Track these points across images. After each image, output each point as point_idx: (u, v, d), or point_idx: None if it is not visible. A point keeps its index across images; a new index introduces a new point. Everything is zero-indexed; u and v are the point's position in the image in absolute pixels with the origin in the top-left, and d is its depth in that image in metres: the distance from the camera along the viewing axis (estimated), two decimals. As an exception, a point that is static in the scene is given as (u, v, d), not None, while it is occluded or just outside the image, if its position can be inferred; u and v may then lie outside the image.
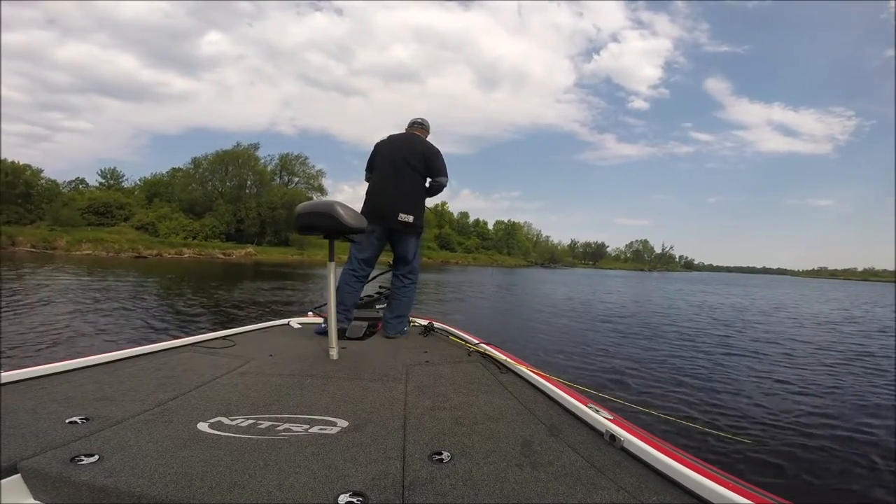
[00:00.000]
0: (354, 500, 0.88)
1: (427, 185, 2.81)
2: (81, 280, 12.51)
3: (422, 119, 2.98)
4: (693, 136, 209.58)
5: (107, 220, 37.76)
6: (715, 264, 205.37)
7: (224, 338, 2.51)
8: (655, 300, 15.93)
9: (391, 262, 2.90)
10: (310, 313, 3.38)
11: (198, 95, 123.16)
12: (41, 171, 38.51)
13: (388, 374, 1.88)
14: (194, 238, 38.15)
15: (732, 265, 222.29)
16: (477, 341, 2.49)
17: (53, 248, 29.18)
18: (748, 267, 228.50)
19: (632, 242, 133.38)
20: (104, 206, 38.79)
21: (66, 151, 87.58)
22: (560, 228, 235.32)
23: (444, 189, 2.88)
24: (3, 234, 28.29)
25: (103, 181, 47.73)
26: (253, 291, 11.78)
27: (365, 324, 2.81)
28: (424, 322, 3.00)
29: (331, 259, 2.25)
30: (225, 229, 40.81)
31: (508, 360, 2.06)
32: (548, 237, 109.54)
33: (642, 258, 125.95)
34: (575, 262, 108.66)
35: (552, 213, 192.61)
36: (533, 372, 1.82)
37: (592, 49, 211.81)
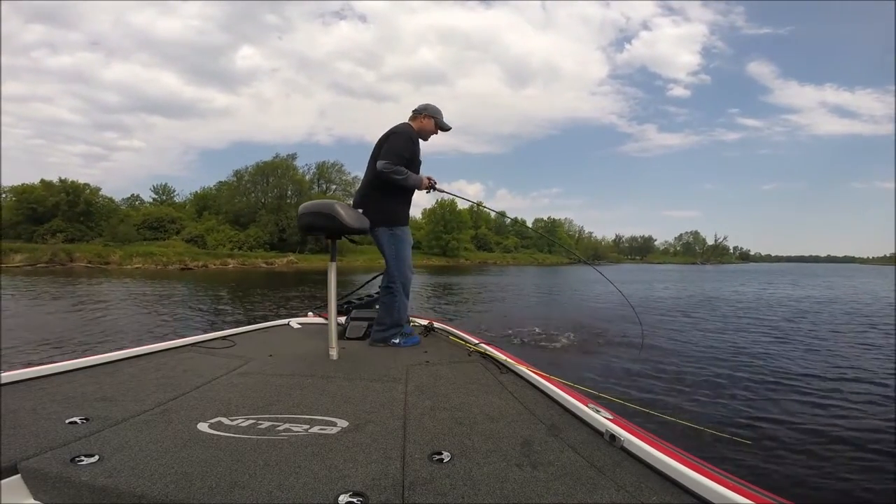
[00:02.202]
0: (354, 500, 0.88)
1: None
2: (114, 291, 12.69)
3: (420, 105, 2.71)
4: (741, 122, 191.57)
5: (160, 235, 39.51)
6: (773, 254, 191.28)
7: (224, 338, 2.50)
8: (731, 297, 14.14)
9: None
10: (310, 313, 3.36)
11: (239, 109, 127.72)
12: (99, 189, 40.81)
13: (388, 374, 1.87)
14: (240, 248, 39.20)
15: (793, 255, 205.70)
16: (477, 341, 2.46)
17: (107, 262, 30.51)
18: (811, 256, 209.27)
19: (681, 235, 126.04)
20: (157, 220, 40.65)
21: (124, 169, 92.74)
22: (603, 224, 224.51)
23: (389, 169, 2.47)
24: (61, 251, 30.01)
25: (156, 197, 50.40)
26: (279, 299, 11.43)
27: (365, 324, 2.78)
28: (424, 322, 2.94)
29: (332, 259, 2.21)
30: (268, 239, 41.81)
31: (508, 360, 2.04)
32: (590, 233, 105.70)
33: (693, 251, 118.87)
34: (620, 258, 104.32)
35: (594, 209, 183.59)
36: (533, 372, 1.81)
37: (623, 38, 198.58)
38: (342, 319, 2.89)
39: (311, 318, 3.23)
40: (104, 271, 25.00)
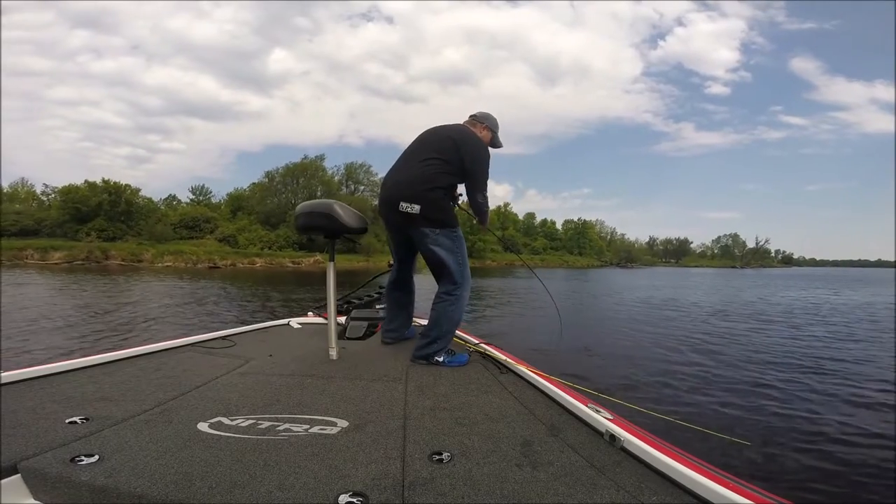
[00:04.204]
0: (355, 500, 0.88)
1: (453, 179, 2.22)
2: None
3: (479, 112, 2.43)
4: (784, 121, 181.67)
5: (195, 234, 40.80)
6: (818, 258, 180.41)
7: (224, 338, 2.50)
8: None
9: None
10: (310, 313, 3.35)
11: (272, 112, 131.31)
12: (139, 190, 42.60)
13: (388, 374, 1.87)
14: (269, 248, 39.90)
15: (840, 259, 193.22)
16: (477, 341, 2.45)
17: (140, 260, 31.54)
18: (859, 260, 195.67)
19: (719, 237, 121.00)
20: (193, 220, 42.02)
21: (166, 171, 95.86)
22: (637, 225, 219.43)
23: (486, 205, 2.32)
24: (97, 249, 31.34)
25: (193, 197, 52.24)
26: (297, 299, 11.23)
27: (365, 324, 2.79)
28: (424, 322, 2.85)
29: (331, 259, 2.21)
30: (297, 239, 42.32)
31: (508, 360, 2.05)
32: (623, 235, 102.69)
33: (732, 254, 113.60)
34: (655, 261, 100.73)
35: (628, 210, 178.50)
36: (533, 372, 1.81)
37: (657, 35, 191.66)
38: (342, 319, 2.89)
39: (311, 318, 3.22)
40: (136, 269, 25.87)
